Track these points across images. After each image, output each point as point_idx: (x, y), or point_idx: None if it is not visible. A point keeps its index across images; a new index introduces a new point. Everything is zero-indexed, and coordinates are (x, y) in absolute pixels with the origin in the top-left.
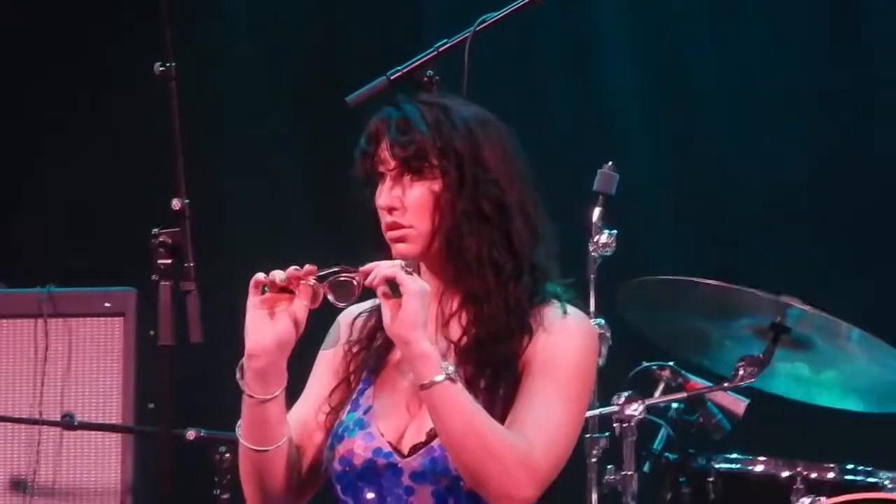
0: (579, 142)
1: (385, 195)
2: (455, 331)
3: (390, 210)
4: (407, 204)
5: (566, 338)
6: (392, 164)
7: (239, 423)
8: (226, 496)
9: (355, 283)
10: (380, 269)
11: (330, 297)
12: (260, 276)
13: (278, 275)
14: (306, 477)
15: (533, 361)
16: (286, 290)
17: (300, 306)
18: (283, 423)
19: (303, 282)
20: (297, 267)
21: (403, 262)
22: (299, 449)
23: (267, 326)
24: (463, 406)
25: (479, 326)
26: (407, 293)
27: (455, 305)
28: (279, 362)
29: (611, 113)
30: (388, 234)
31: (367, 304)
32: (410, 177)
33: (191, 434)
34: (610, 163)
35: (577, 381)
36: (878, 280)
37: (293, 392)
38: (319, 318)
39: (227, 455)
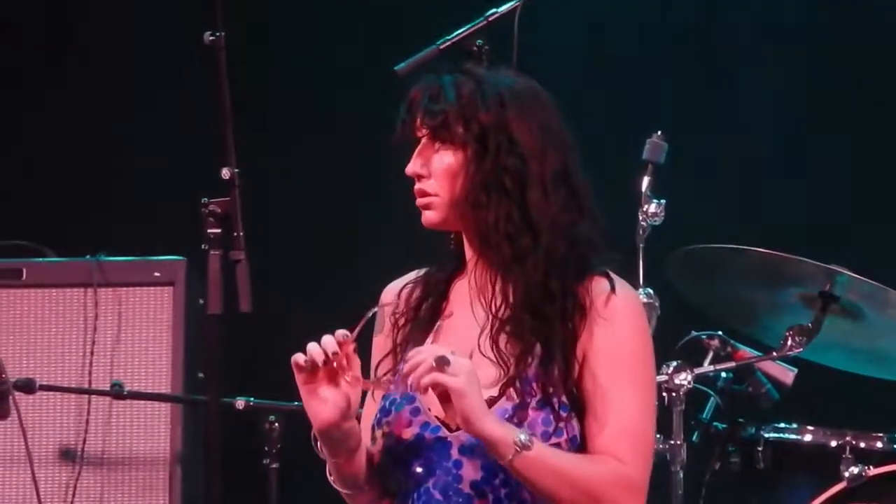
0: (630, 111)
1: (412, 162)
2: (495, 300)
3: (418, 177)
4: (433, 171)
5: (622, 323)
6: (423, 132)
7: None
8: (275, 465)
9: (393, 386)
10: (417, 377)
11: (375, 394)
12: (299, 358)
13: (317, 356)
14: None
15: (595, 355)
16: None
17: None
18: (368, 465)
19: (343, 375)
20: (333, 341)
21: (436, 357)
22: None
23: (324, 403)
24: (546, 466)
25: (509, 299)
26: (454, 395)
27: (488, 276)
28: (348, 427)
29: (661, 82)
30: (417, 202)
31: (411, 276)
32: (438, 145)
33: (240, 403)
34: (659, 132)
35: (643, 369)
36: None
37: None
38: (370, 296)
39: (277, 424)
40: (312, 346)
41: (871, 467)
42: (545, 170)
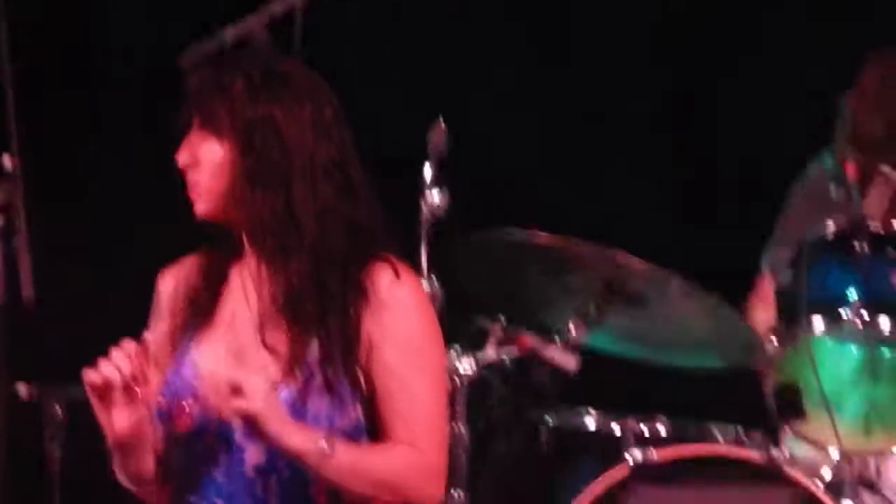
0: (414, 102)
1: (182, 152)
2: (270, 288)
3: (187, 167)
4: (202, 163)
5: (408, 310)
6: (195, 122)
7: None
8: (58, 453)
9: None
10: (217, 405)
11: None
12: (94, 377)
13: (114, 378)
14: None
15: (383, 343)
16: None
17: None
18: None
19: (138, 389)
20: (126, 360)
21: (232, 386)
22: None
23: (120, 413)
24: (348, 468)
25: (283, 288)
26: (256, 419)
27: (262, 265)
28: (144, 434)
29: (443, 71)
30: (190, 193)
31: (190, 259)
32: (207, 136)
33: (23, 389)
34: (441, 120)
35: (433, 355)
36: (717, 235)
37: None
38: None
39: (60, 410)
40: (107, 367)
41: (654, 451)
42: (314, 163)
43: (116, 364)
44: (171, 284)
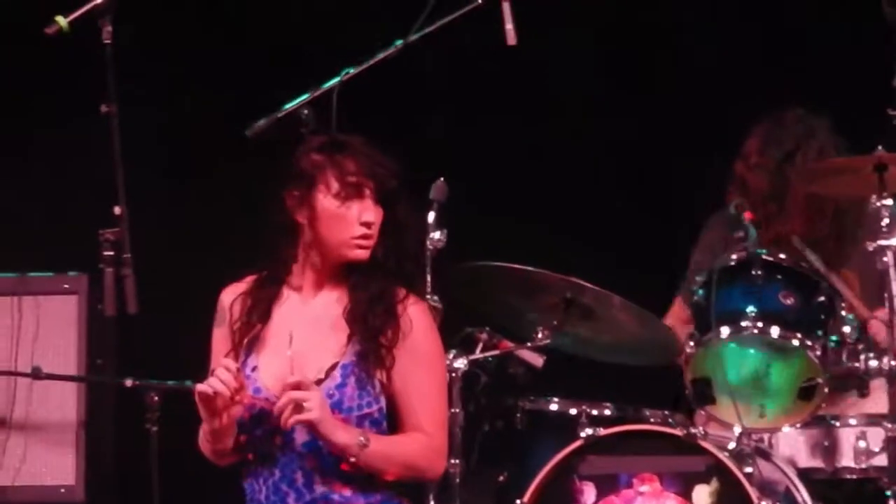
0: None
1: (372, 212)
2: (334, 308)
3: (370, 224)
4: (376, 222)
5: (418, 326)
6: (371, 186)
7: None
8: (155, 429)
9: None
10: (286, 419)
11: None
12: (206, 389)
13: (223, 391)
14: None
15: (400, 351)
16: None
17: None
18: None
19: (237, 398)
20: (230, 376)
21: (294, 400)
22: None
23: (221, 413)
24: (379, 455)
25: (343, 306)
26: (313, 423)
27: (322, 288)
28: (232, 426)
29: (442, 139)
30: (360, 243)
31: (243, 286)
32: (375, 203)
33: (128, 382)
34: (441, 179)
35: (437, 360)
36: (645, 264)
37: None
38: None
39: (156, 398)
40: (216, 383)
41: (601, 428)
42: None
43: (222, 379)
44: (230, 298)
